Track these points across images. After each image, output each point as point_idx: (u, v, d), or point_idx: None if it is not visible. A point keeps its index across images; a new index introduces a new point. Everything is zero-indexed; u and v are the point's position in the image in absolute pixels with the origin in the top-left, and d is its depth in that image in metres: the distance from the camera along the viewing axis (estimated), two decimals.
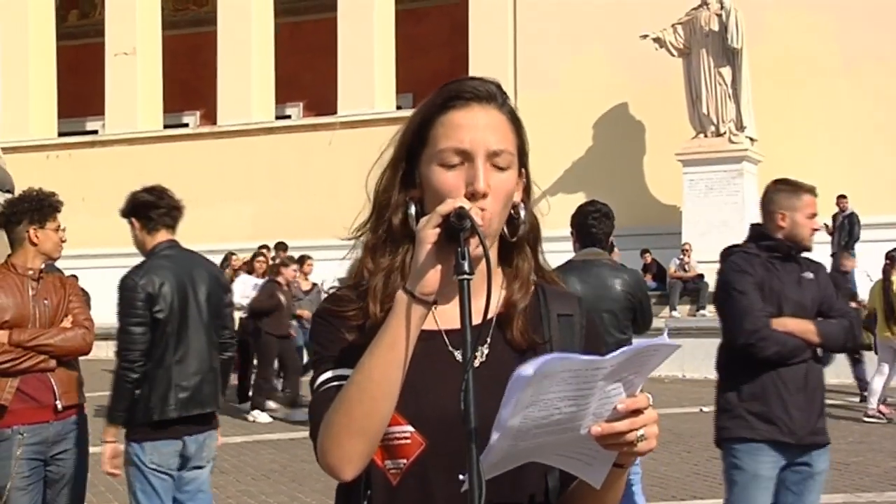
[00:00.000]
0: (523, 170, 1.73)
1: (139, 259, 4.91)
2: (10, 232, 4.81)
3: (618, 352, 1.42)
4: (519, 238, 1.73)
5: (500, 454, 1.46)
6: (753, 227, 4.70)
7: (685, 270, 18.00)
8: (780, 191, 4.57)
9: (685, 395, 13.14)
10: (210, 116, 24.25)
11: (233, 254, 16.68)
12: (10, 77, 24.39)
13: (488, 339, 1.69)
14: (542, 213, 1.79)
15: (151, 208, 4.84)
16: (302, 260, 14.07)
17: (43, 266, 4.86)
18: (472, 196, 1.61)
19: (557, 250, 5.96)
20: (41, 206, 4.77)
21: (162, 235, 4.85)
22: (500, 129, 1.67)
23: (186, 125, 25.50)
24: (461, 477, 1.50)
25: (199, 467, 4.86)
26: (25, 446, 4.64)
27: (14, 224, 4.77)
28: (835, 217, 17.59)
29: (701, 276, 17.77)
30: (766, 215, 4.60)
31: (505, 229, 1.69)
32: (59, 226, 4.84)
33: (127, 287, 4.68)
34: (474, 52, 21.25)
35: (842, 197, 17.50)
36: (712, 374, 12.77)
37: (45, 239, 4.76)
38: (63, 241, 4.90)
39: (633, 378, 1.47)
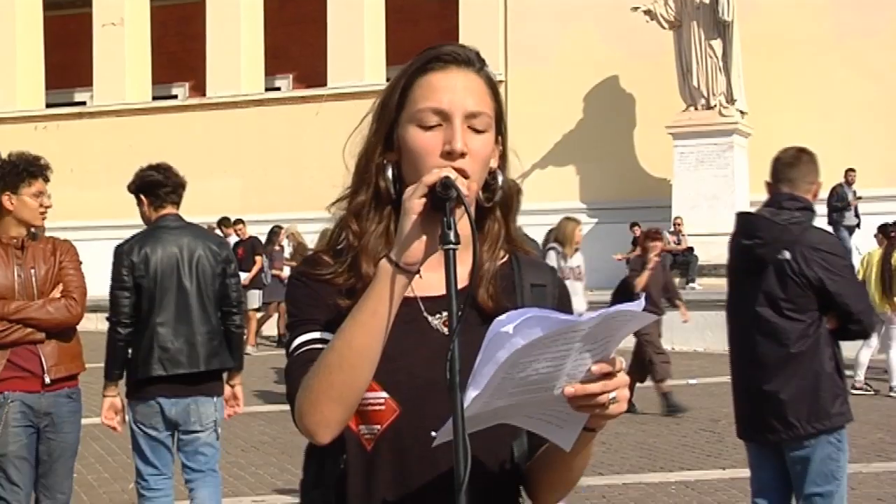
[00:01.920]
0: (500, 137, 1.74)
1: (128, 230, 5.05)
2: None
3: (595, 314, 1.44)
4: (503, 204, 1.75)
5: (474, 411, 1.47)
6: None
7: (676, 243, 18.02)
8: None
9: (674, 367, 13.16)
10: (199, 88, 24.12)
11: (280, 227, 17.05)
12: None
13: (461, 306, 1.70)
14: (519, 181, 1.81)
15: (159, 186, 5.09)
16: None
17: (32, 233, 4.72)
18: (449, 155, 1.62)
19: (543, 223, 5.98)
20: (15, 171, 4.61)
21: (167, 210, 5.13)
22: (477, 92, 1.68)
23: (175, 97, 25.36)
24: (433, 434, 1.52)
25: (194, 431, 5.12)
26: (19, 413, 4.62)
27: None
28: (835, 191, 17.22)
29: (691, 249, 17.79)
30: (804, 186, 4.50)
31: (480, 194, 1.70)
32: (39, 191, 4.68)
33: (115, 254, 5.03)
34: (464, 25, 21.15)
35: (851, 170, 17.30)
36: (700, 347, 12.77)
37: (20, 206, 4.61)
38: (46, 207, 4.74)
39: (607, 342, 1.49)
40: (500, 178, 1.72)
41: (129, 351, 5.05)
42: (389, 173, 1.68)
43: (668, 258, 17.94)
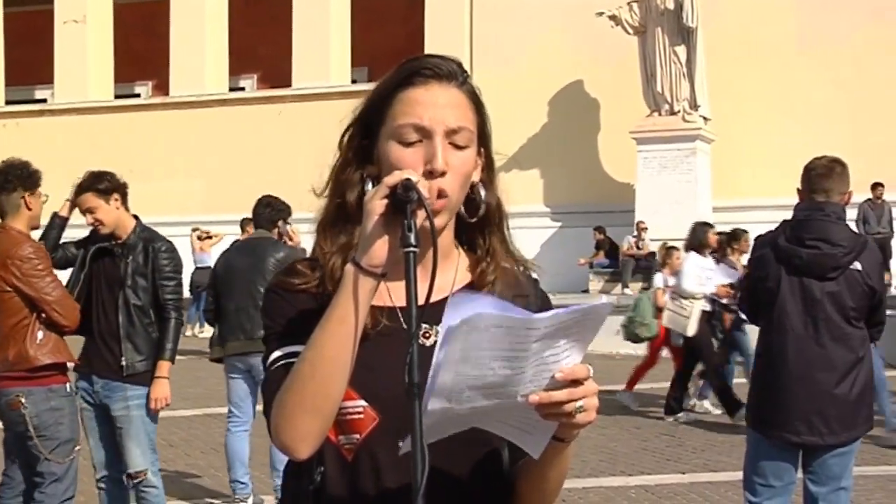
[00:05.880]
0: (483, 150, 1.71)
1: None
2: (3, 200, 4.85)
3: (550, 313, 1.41)
4: (486, 219, 1.72)
5: (436, 416, 1.45)
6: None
7: (639, 248, 18.10)
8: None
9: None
10: (162, 87, 23.96)
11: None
12: None
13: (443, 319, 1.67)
14: (504, 191, 1.77)
15: (126, 189, 5.26)
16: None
17: None
18: (430, 174, 1.60)
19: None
20: (31, 174, 4.88)
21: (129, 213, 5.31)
22: (459, 107, 1.65)
23: (138, 95, 25.18)
24: (400, 444, 1.49)
25: None
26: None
27: (8, 191, 4.82)
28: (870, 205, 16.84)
29: (653, 255, 17.88)
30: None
31: (463, 210, 1.68)
32: (40, 194, 4.96)
33: (173, 249, 5.29)
34: (430, 27, 21.16)
35: (879, 185, 16.72)
36: (663, 352, 12.58)
37: (36, 205, 4.88)
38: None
39: (572, 347, 1.46)
40: (482, 193, 1.70)
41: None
42: (370, 187, 1.63)
43: (631, 263, 18.10)
